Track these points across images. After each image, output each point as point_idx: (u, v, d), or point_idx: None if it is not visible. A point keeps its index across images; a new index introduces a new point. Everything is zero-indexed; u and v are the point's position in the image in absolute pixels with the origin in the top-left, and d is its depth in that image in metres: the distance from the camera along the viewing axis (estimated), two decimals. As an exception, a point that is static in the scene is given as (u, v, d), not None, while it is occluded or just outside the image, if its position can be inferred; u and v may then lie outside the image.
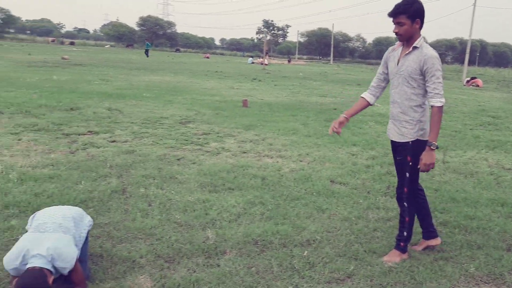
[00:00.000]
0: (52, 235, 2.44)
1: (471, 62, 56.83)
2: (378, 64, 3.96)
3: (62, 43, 72.82)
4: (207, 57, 53.55)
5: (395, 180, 5.07)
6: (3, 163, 4.75)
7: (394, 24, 2.91)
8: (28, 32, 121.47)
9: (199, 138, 6.71)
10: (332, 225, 3.66)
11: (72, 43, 71.06)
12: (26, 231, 2.57)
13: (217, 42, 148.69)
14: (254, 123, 8.21)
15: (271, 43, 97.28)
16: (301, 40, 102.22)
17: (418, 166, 2.95)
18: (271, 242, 3.25)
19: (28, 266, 2.30)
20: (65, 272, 2.39)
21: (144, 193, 4.12)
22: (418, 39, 2.90)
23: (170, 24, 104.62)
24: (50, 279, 2.30)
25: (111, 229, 3.31)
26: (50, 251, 2.34)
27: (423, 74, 2.88)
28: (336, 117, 3.26)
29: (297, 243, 3.25)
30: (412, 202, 3.11)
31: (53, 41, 73.96)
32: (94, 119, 7.61)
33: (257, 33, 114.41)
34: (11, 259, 2.32)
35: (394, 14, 2.88)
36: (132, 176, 4.59)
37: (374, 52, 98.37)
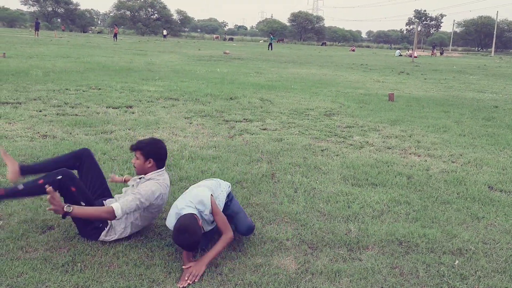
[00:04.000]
0: (191, 191, 2.87)
1: None
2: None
3: (224, 39, 79.31)
4: (353, 50, 52.07)
5: None
6: (179, 142, 5.38)
7: None
8: (199, 30, 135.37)
9: (343, 131, 6.55)
10: (490, 236, 3.17)
11: (231, 39, 76.88)
12: None
13: (364, 35, 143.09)
14: (400, 118, 7.66)
15: (422, 34, 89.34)
16: (457, 30, 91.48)
17: None
18: (417, 244, 2.98)
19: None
20: (208, 214, 2.74)
21: (291, 179, 4.20)
22: None
23: (319, 19, 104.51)
24: (199, 222, 2.64)
25: (261, 210, 3.46)
26: (191, 198, 2.75)
27: None
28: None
29: (446, 250, 2.91)
30: None
31: (216, 37, 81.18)
32: (248, 108, 8.07)
33: (407, 24, 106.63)
34: (171, 221, 2.69)
35: None
36: (280, 163, 4.73)
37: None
